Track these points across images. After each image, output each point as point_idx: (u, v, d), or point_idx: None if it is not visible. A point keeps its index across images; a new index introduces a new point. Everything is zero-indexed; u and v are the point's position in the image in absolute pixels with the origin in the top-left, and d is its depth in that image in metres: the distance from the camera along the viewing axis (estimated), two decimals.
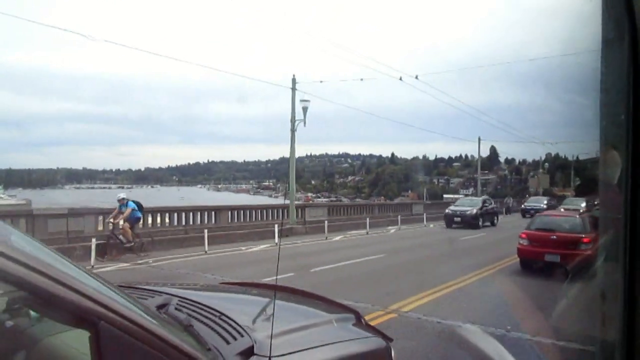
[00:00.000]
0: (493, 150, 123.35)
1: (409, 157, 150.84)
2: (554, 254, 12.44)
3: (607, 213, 1.85)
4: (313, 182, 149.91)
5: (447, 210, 32.44)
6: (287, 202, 27.87)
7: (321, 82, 27.71)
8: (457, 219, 30.69)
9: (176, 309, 2.53)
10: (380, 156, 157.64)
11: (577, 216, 14.13)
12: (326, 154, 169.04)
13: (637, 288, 1.61)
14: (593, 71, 1.69)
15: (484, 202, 33.02)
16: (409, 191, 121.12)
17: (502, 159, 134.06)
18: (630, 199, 1.55)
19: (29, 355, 2.05)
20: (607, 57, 1.64)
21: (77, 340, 2.00)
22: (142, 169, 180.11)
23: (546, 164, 72.10)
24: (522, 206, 45.26)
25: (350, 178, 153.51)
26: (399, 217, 33.74)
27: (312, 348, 2.48)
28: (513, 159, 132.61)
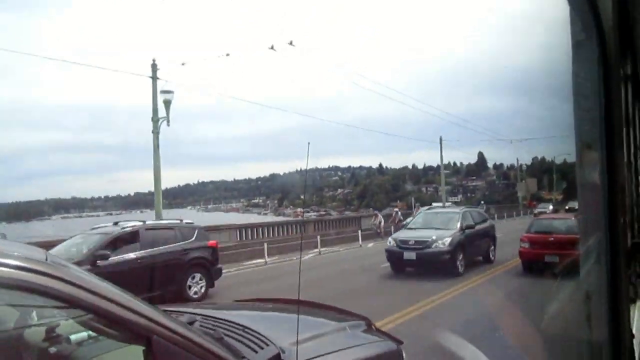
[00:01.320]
0: (481, 156, 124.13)
1: (399, 167, 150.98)
2: (553, 255, 13.00)
3: (588, 215, 1.85)
4: (302, 197, 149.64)
5: None
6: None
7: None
8: None
9: (202, 325, 2.64)
10: (370, 167, 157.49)
11: (573, 218, 14.78)
12: (316, 167, 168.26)
13: (620, 289, 1.61)
14: (567, 75, 1.70)
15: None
16: (398, 201, 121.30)
17: (490, 165, 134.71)
18: (609, 201, 1.56)
19: None
20: (579, 59, 1.66)
21: (119, 358, 2.25)
22: (132, 194, 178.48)
23: (523, 165, 71.25)
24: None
25: (339, 191, 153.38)
26: (324, 236, 25.55)
27: (332, 353, 2.69)
28: (501, 164, 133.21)
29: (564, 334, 2.21)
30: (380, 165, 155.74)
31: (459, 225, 14.88)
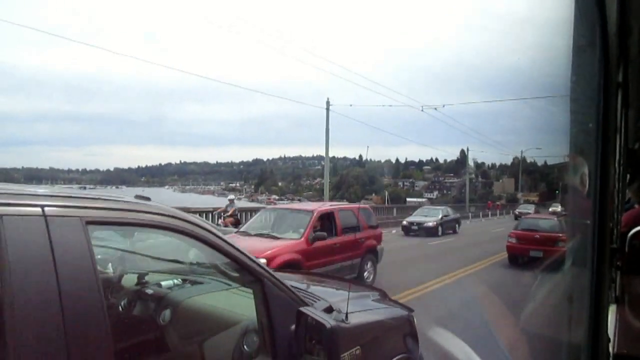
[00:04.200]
0: (462, 153, 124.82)
1: (383, 159, 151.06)
2: (537, 250, 14.57)
3: (576, 218, 1.87)
4: (280, 184, 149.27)
5: None
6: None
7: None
8: None
9: None
10: (354, 159, 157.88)
11: (555, 218, 16.63)
12: (300, 156, 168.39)
13: (603, 292, 1.63)
14: (563, 79, 1.70)
15: None
16: (373, 194, 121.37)
17: (471, 163, 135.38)
18: (599, 206, 1.57)
19: (174, 312, 2.81)
20: (578, 64, 1.66)
21: (209, 299, 2.97)
22: (111, 169, 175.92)
23: (477, 160, 69.72)
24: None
25: (317, 180, 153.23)
26: None
27: (366, 310, 3.47)
28: (483, 163, 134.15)
29: (543, 332, 2.24)
30: (360, 156, 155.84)
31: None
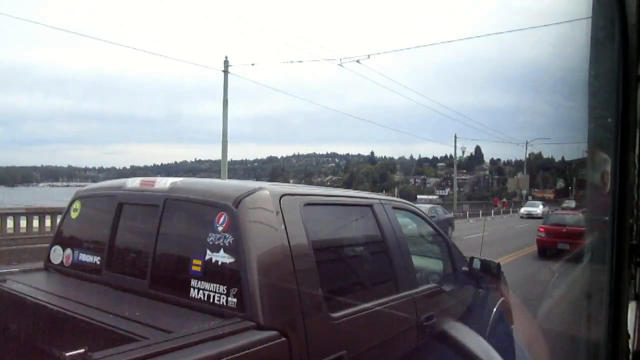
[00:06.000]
0: (478, 150, 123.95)
1: (397, 157, 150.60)
2: (564, 243, 15.98)
3: (594, 215, 1.85)
4: (291, 181, 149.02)
5: None
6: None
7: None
8: None
9: None
10: (367, 156, 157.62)
11: (581, 214, 17.71)
12: (314, 153, 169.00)
13: (622, 289, 1.61)
14: (581, 74, 1.68)
15: None
16: (383, 191, 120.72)
17: (487, 159, 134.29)
18: (618, 202, 1.55)
19: None
20: (596, 58, 1.63)
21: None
22: (128, 167, 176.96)
23: (464, 153, 66.79)
24: None
25: (328, 177, 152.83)
26: None
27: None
28: (498, 159, 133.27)
29: (561, 329, 2.22)
30: (372, 153, 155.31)
31: None
